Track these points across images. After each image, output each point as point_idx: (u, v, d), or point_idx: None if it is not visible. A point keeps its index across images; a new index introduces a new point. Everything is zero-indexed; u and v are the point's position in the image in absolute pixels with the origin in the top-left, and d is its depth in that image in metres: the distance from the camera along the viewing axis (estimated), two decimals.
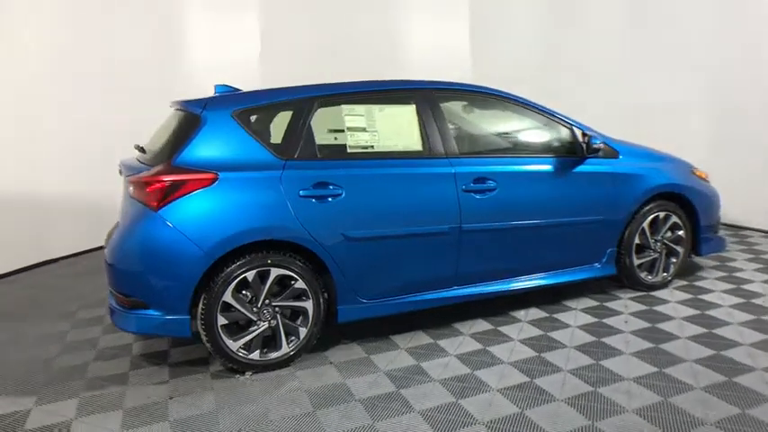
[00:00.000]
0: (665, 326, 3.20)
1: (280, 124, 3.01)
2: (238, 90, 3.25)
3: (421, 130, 3.12)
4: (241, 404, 2.53)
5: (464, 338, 3.12)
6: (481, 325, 3.29)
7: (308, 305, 2.85)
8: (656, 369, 2.68)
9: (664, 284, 3.81)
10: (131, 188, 2.75)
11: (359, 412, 2.42)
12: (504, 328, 3.24)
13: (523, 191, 3.28)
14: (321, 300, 2.88)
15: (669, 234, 3.77)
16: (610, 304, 3.55)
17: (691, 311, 3.39)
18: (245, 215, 2.70)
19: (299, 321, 2.87)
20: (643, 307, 3.50)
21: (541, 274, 3.44)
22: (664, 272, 3.80)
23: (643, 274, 3.74)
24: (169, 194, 2.62)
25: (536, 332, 3.18)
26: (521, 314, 3.44)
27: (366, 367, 2.84)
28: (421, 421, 2.32)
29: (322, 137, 2.99)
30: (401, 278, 3.06)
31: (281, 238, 2.75)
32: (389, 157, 3.03)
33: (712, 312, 3.36)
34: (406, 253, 3.03)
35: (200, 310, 2.67)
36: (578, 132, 3.47)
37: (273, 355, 2.83)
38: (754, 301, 3.51)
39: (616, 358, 2.81)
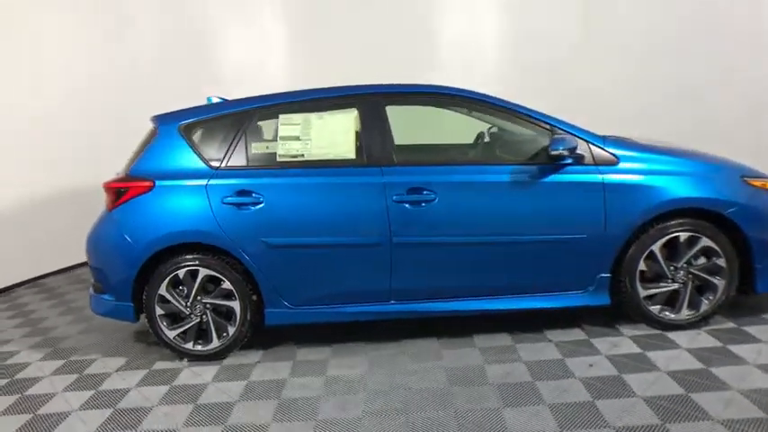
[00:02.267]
0: (632, 378, 2.56)
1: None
2: (226, 100, 3.54)
3: (357, 137, 3.02)
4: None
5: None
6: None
7: (236, 305, 3.04)
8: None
9: (691, 324, 3.01)
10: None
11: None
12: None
13: (471, 203, 2.93)
14: (248, 301, 3.04)
15: (702, 261, 2.95)
16: (579, 348, 2.96)
17: (691, 364, 2.63)
18: (173, 219, 3.00)
19: (231, 320, 3.08)
20: (626, 350, 2.84)
21: (508, 297, 3.03)
22: (691, 309, 2.99)
23: (655, 309, 3.00)
24: (118, 198, 3.07)
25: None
26: None
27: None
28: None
29: (257, 146, 3.11)
30: (328, 288, 3.03)
31: (206, 242, 2.99)
32: (317, 165, 3.01)
33: (719, 371, 2.56)
34: (331, 263, 2.99)
35: (143, 300, 3.07)
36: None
37: (206, 347, 3.10)
38: None
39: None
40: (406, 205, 2.91)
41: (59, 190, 5.31)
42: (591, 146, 2.95)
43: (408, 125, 3.50)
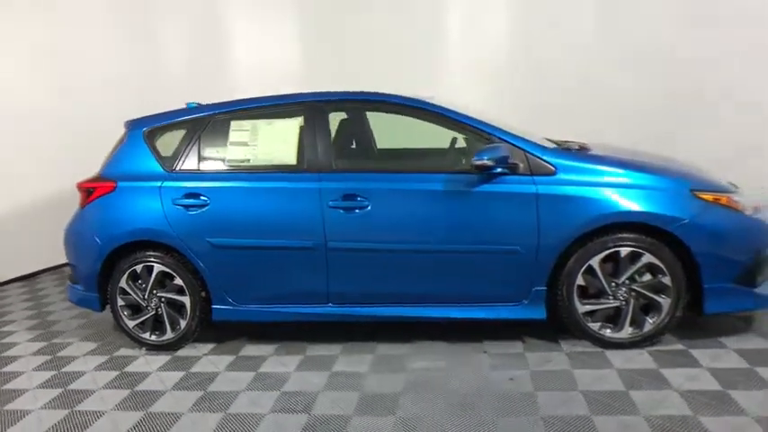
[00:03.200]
0: (543, 395, 2.49)
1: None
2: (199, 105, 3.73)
3: (299, 143, 3.12)
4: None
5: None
6: None
7: (186, 300, 3.24)
8: None
9: (633, 344, 2.87)
10: None
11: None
12: None
13: (403, 210, 2.95)
14: (198, 297, 3.23)
15: (647, 278, 2.81)
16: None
17: (612, 385, 2.52)
18: (130, 218, 3.23)
19: (183, 314, 3.28)
20: (554, 367, 2.75)
21: (445, 305, 3.03)
22: (635, 328, 2.86)
23: (595, 326, 2.89)
24: (88, 197, 3.34)
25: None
26: None
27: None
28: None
29: (209, 151, 3.28)
30: (270, 288, 3.16)
31: (157, 240, 3.20)
32: (261, 170, 3.14)
33: (637, 394, 2.44)
34: (272, 264, 3.11)
35: (107, 291, 3.34)
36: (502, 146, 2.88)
37: (161, 338, 3.32)
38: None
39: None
40: (341, 211, 2.97)
41: None
42: (528, 155, 2.87)
43: (400, 129, 3.57)
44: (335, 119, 3.35)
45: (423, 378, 2.75)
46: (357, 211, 2.96)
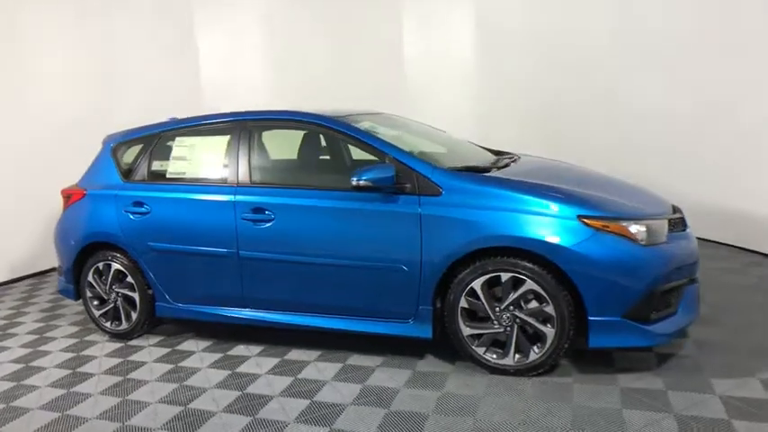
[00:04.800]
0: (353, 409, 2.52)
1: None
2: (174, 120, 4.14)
3: (224, 159, 3.39)
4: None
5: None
6: None
7: (136, 296, 3.66)
8: None
9: (519, 372, 2.78)
10: None
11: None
12: None
13: (301, 225, 3.10)
14: (144, 294, 3.63)
15: (534, 305, 2.72)
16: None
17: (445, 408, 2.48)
18: (91, 222, 3.71)
19: (135, 308, 3.71)
20: (394, 384, 2.74)
21: (342, 317, 3.15)
22: (521, 355, 2.77)
23: (480, 350, 2.84)
24: (67, 202, 3.90)
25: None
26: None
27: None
28: None
29: (156, 164, 3.66)
30: (197, 289, 3.47)
31: (111, 242, 3.64)
32: (192, 183, 3.46)
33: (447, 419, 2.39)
34: (197, 268, 3.42)
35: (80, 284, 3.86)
36: (395, 163, 2.93)
37: (118, 328, 3.77)
38: None
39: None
40: (251, 223, 3.20)
41: None
42: (417, 175, 2.89)
43: None
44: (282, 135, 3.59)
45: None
46: (264, 224, 3.17)
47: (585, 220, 2.62)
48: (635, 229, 2.63)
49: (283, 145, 3.57)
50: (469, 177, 2.90)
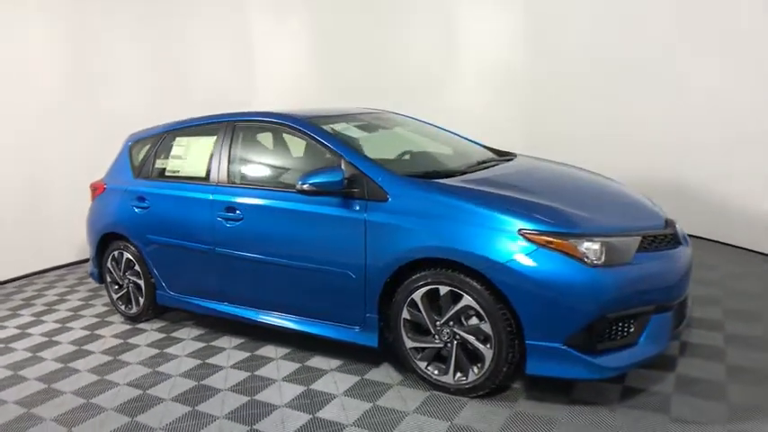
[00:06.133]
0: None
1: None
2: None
3: (209, 158, 3.54)
4: None
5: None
6: None
7: (141, 283, 3.97)
8: None
9: (460, 391, 2.62)
10: None
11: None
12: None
13: (264, 225, 3.16)
14: (148, 282, 3.93)
15: (474, 322, 2.55)
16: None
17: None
18: (108, 214, 4.07)
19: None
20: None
21: (297, 317, 3.17)
22: (462, 374, 2.61)
23: (423, 364, 2.72)
24: (93, 195, 4.31)
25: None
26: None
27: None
28: None
29: (159, 162, 3.91)
30: (187, 282, 3.68)
31: (121, 233, 3.97)
32: (183, 180, 3.65)
33: None
34: (184, 261, 3.62)
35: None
36: (349, 167, 2.88)
37: (131, 311, 4.11)
38: None
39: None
40: (225, 222, 3.32)
41: None
42: (368, 180, 2.82)
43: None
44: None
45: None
46: (234, 222, 3.27)
47: (528, 235, 2.38)
48: (586, 246, 2.35)
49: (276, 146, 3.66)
50: (415, 184, 2.76)
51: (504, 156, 3.67)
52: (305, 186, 2.81)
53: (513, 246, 2.39)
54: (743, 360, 2.77)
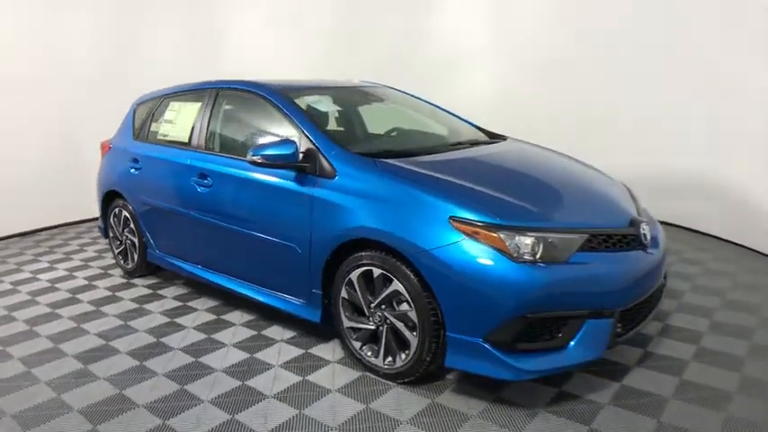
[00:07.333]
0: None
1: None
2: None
3: (192, 125, 3.62)
4: None
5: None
6: None
7: (136, 240, 4.17)
8: None
9: (388, 376, 2.59)
10: None
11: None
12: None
13: (228, 193, 3.21)
14: (141, 239, 4.12)
15: (404, 308, 2.49)
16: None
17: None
18: (110, 173, 4.28)
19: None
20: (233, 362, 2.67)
21: (254, 286, 3.23)
22: (390, 358, 2.57)
23: (357, 345, 2.69)
24: (102, 152, 4.54)
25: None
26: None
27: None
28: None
29: (154, 125, 4.03)
30: (170, 244, 3.82)
31: (120, 192, 4.16)
32: (170, 144, 3.76)
33: None
34: (166, 223, 3.76)
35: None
36: (306, 141, 2.86)
37: (127, 266, 4.34)
38: None
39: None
40: (198, 187, 3.40)
41: None
42: (320, 155, 2.78)
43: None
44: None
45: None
46: (206, 188, 3.34)
47: (456, 224, 2.27)
48: (517, 240, 2.21)
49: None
50: (360, 162, 2.69)
51: (495, 138, 3.53)
52: (256, 158, 2.81)
53: (441, 233, 2.29)
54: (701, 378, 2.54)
